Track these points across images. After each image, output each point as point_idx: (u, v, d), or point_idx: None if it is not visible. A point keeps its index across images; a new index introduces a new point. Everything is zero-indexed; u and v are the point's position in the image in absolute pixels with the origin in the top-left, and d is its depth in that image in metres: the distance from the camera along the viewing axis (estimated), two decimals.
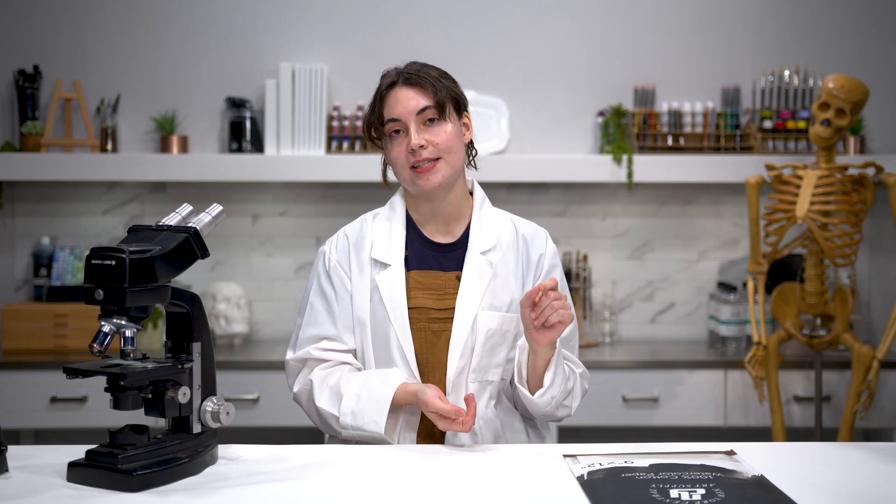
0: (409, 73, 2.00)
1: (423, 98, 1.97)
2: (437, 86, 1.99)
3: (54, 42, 3.86)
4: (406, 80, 1.99)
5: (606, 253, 3.96)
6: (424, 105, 1.97)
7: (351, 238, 2.07)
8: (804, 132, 3.75)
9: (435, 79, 2.00)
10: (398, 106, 1.98)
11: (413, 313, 1.98)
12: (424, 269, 2.02)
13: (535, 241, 2.08)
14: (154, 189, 3.93)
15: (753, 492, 1.55)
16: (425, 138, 1.96)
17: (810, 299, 3.34)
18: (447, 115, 1.99)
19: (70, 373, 1.63)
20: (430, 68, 2.03)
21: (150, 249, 1.62)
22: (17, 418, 3.44)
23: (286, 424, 3.38)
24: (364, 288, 2.01)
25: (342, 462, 1.76)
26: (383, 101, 2.00)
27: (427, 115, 1.97)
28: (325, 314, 2.03)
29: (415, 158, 1.96)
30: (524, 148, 3.89)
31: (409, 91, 1.98)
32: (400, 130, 1.98)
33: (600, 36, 3.90)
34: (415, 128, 1.96)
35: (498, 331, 1.99)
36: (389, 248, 2.02)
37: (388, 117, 1.98)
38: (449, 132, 1.98)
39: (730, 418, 3.51)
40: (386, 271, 2.00)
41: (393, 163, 2.01)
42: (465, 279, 2.00)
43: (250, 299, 3.92)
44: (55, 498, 1.53)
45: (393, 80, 2.01)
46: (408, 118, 1.97)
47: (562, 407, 1.99)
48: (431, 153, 1.96)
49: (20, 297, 3.90)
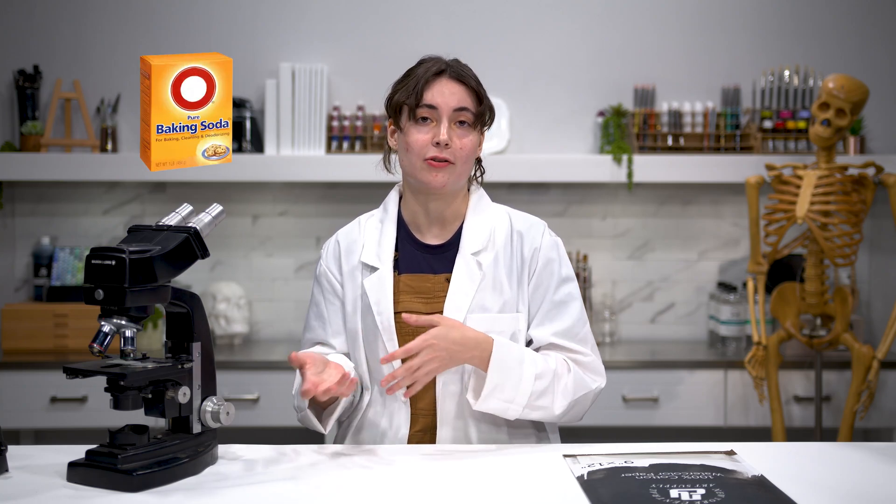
0: (458, 68, 1.97)
1: (466, 98, 1.95)
2: (482, 93, 1.97)
3: (54, 42, 3.86)
4: (456, 75, 1.96)
5: (606, 253, 3.96)
6: (466, 105, 1.94)
7: (343, 243, 2.06)
8: (804, 132, 3.75)
9: (479, 84, 1.98)
10: (441, 96, 1.93)
11: (402, 318, 1.97)
12: (415, 272, 1.99)
13: (530, 235, 2.01)
14: (154, 189, 3.93)
15: (753, 492, 1.55)
16: (451, 138, 1.93)
17: (810, 299, 3.34)
18: (478, 124, 1.97)
19: (70, 373, 1.63)
20: (472, 71, 2.01)
21: (150, 249, 1.62)
22: (17, 418, 3.44)
23: (286, 424, 3.38)
24: (355, 293, 2.00)
25: (342, 462, 1.76)
26: (427, 85, 1.94)
27: (463, 116, 1.95)
28: (317, 319, 2.05)
29: (434, 153, 1.92)
30: (524, 148, 3.89)
31: (455, 86, 1.95)
32: (429, 119, 1.94)
33: (600, 36, 3.90)
34: (447, 123, 1.93)
35: (490, 333, 1.92)
36: (379, 252, 2.00)
37: (427, 102, 1.93)
38: (472, 141, 1.96)
39: (730, 418, 3.51)
40: (374, 275, 1.98)
41: (409, 147, 1.95)
42: (455, 282, 1.96)
43: (250, 299, 3.92)
44: (55, 498, 1.53)
45: (442, 69, 1.96)
46: (445, 111, 1.93)
47: (536, 409, 1.89)
48: (450, 155, 1.93)
49: (20, 297, 3.90)
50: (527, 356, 1.90)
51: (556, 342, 1.96)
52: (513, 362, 1.88)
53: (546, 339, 1.96)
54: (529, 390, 1.88)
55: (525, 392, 1.88)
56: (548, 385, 1.90)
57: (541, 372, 1.89)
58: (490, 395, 1.87)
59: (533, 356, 1.91)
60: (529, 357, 1.90)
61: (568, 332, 1.97)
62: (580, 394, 1.93)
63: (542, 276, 1.99)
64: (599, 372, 1.99)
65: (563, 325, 1.96)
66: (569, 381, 1.93)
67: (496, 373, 1.86)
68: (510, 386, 1.87)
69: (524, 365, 1.89)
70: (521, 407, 1.89)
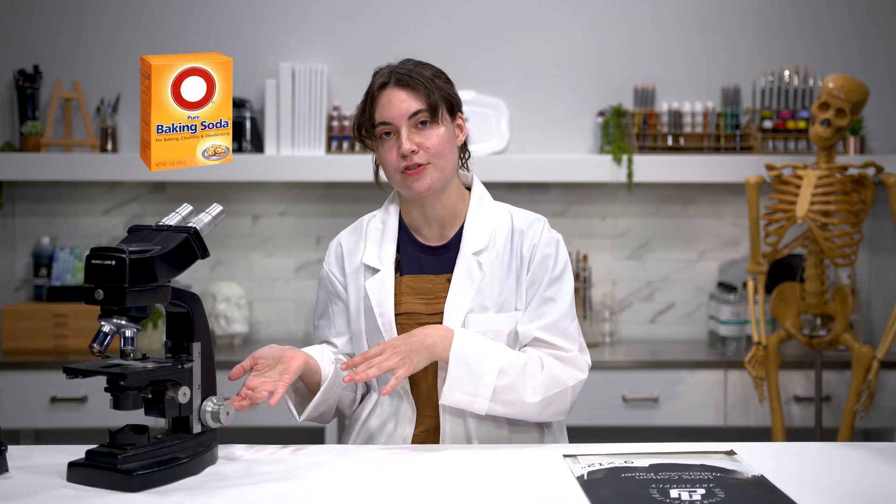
0: (401, 73, 1.94)
1: (414, 101, 1.92)
2: (429, 87, 1.92)
3: (54, 42, 3.86)
4: (398, 81, 1.93)
5: (606, 253, 3.96)
6: (416, 108, 1.91)
7: (345, 245, 2.06)
8: (804, 132, 3.75)
9: (428, 79, 1.93)
10: (389, 108, 1.92)
11: (403, 318, 1.96)
12: (416, 273, 1.99)
13: (530, 232, 2.00)
14: (154, 189, 3.93)
15: (753, 492, 1.55)
16: (416, 142, 1.91)
17: (810, 299, 3.34)
18: (440, 117, 1.93)
19: (70, 373, 1.63)
20: (424, 67, 1.97)
21: (150, 249, 1.62)
22: (17, 418, 3.44)
23: (286, 424, 3.37)
24: (358, 295, 2.01)
25: (342, 462, 1.76)
26: (374, 102, 1.94)
27: (419, 118, 1.92)
28: (322, 319, 2.08)
29: (405, 163, 1.91)
30: (524, 148, 3.89)
31: (401, 93, 1.92)
32: (391, 133, 1.93)
33: (600, 36, 3.90)
34: (406, 132, 1.90)
35: (489, 332, 1.94)
36: (380, 253, 2.00)
37: (378, 120, 1.93)
38: (441, 135, 1.93)
39: (730, 418, 3.51)
40: (376, 277, 1.98)
41: (384, 165, 1.96)
42: (455, 282, 1.96)
43: (250, 299, 3.92)
44: (55, 498, 1.53)
45: (384, 81, 1.94)
46: (399, 121, 1.91)
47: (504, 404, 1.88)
48: (422, 157, 1.91)
49: (20, 297, 3.90)
50: (491, 351, 1.89)
51: (540, 336, 1.94)
52: (475, 355, 1.87)
53: (531, 333, 1.95)
54: (493, 384, 1.87)
55: (488, 385, 1.87)
56: (513, 380, 1.88)
57: (506, 367, 1.88)
58: (452, 388, 1.87)
59: (500, 351, 1.89)
60: (495, 352, 1.89)
61: (553, 326, 1.94)
62: (555, 390, 1.90)
63: (536, 271, 1.98)
64: (580, 367, 1.95)
65: (548, 320, 1.94)
66: (542, 376, 1.90)
67: (456, 366, 1.86)
68: (472, 380, 1.87)
69: (487, 359, 1.88)
70: (486, 400, 1.87)
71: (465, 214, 2.02)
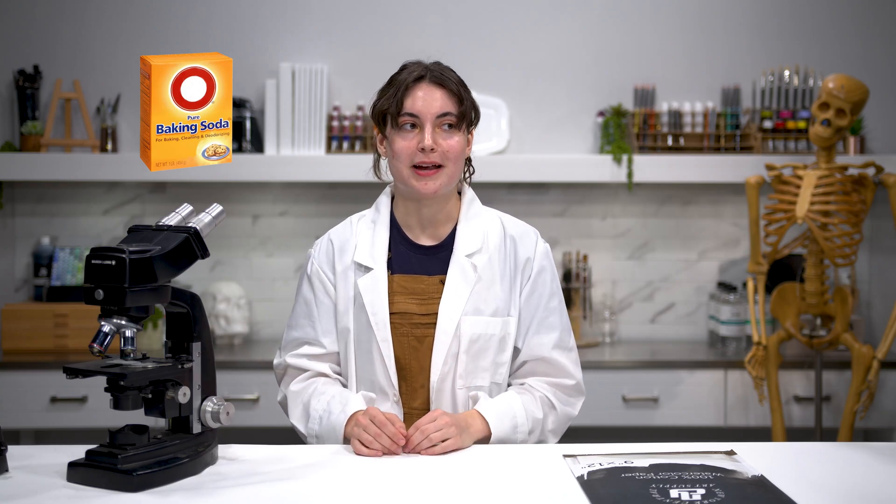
0: (438, 72, 1.98)
1: (448, 102, 1.96)
2: (463, 94, 1.98)
3: (54, 42, 3.86)
4: (436, 80, 1.96)
5: (606, 253, 3.96)
6: (448, 110, 1.95)
7: (336, 243, 2.06)
8: (804, 132, 3.75)
9: (460, 85, 1.99)
10: (422, 102, 1.95)
11: (396, 318, 1.97)
12: (408, 272, 2.00)
13: (524, 241, 2.04)
14: (154, 189, 3.93)
15: (753, 492, 1.55)
16: (437, 142, 1.94)
17: (810, 299, 3.34)
18: (463, 126, 1.98)
19: (70, 373, 1.63)
20: (453, 73, 2.01)
21: (150, 249, 1.62)
22: (17, 418, 3.44)
23: (286, 424, 3.36)
24: (348, 293, 2.00)
25: (342, 462, 1.76)
26: (407, 92, 1.96)
27: (447, 119, 1.95)
28: (306, 318, 2.04)
29: (421, 159, 1.94)
30: (524, 148, 3.89)
31: (436, 91, 1.96)
32: (414, 125, 1.96)
33: (600, 36, 3.90)
34: (430, 128, 1.94)
35: (483, 335, 1.96)
36: (372, 252, 2.01)
37: (406, 110, 1.95)
38: (460, 142, 1.97)
39: (730, 418, 3.51)
40: (368, 275, 1.99)
41: (396, 155, 1.96)
42: (449, 283, 1.97)
43: (250, 299, 3.92)
44: (55, 498, 1.53)
45: (422, 75, 1.97)
46: (428, 118, 1.94)
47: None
48: (438, 158, 1.94)
49: (20, 297, 3.90)
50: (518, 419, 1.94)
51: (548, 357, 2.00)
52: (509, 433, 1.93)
53: (540, 352, 2.00)
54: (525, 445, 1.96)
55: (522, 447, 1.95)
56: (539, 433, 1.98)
57: (532, 427, 1.96)
58: None
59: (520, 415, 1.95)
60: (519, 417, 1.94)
61: (560, 342, 2.02)
62: (565, 425, 2.04)
63: (536, 283, 2.02)
64: (580, 391, 2.05)
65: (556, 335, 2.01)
66: (554, 418, 2.00)
67: None
68: None
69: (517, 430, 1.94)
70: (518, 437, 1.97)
71: (457, 216, 2.04)
